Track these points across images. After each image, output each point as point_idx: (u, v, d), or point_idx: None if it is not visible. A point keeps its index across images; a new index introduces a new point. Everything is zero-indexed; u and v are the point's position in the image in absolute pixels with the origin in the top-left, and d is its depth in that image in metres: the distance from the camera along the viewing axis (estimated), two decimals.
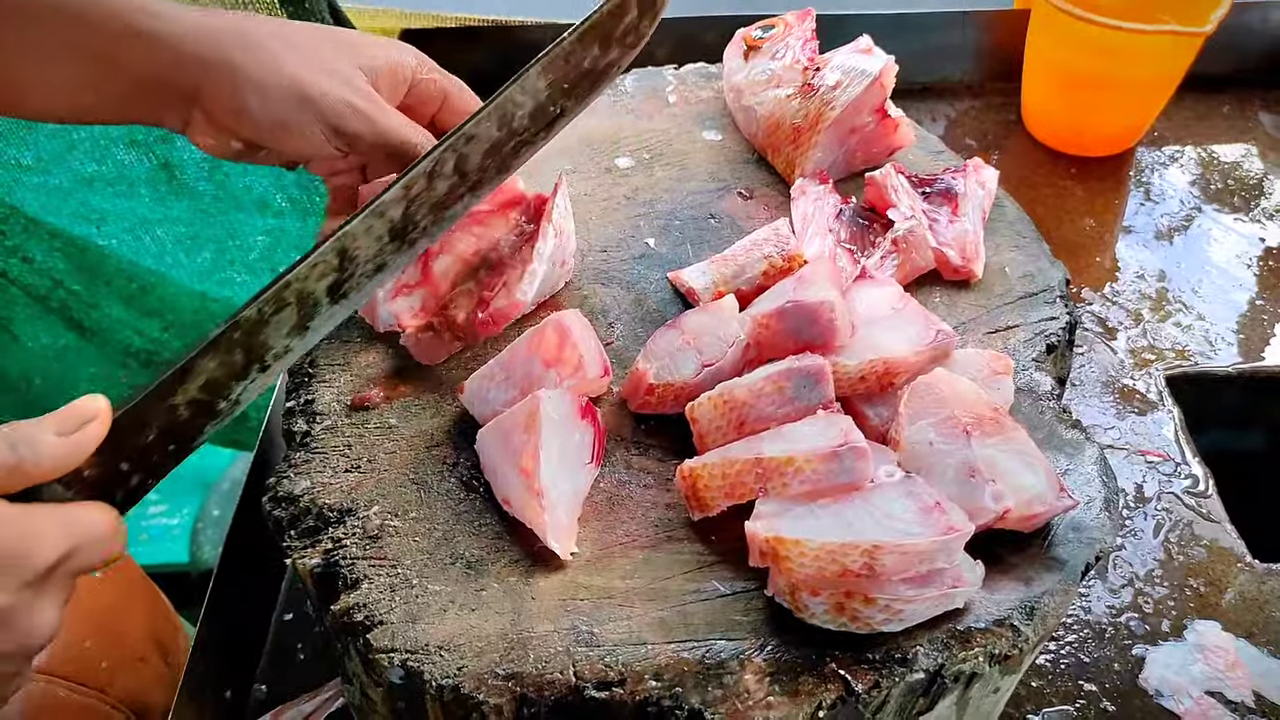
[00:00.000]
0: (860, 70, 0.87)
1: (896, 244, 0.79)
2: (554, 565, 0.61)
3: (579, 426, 0.65)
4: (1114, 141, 1.29)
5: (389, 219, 0.65)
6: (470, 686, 0.55)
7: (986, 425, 0.62)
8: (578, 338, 0.67)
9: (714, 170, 0.92)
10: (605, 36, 0.71)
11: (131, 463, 0.57)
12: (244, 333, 0.60)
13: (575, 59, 0.71)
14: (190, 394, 0.59)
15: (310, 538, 0.63)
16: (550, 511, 0.60)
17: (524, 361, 0.67)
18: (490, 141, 0.69)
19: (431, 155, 0.66)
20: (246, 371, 0.61)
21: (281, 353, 0.62)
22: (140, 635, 0.97)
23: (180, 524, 1.70)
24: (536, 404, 0.62)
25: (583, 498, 0.65)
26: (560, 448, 0.63)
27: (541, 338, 0.67)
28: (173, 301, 1.52)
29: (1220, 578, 0.85)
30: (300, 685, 0.81)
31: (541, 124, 0.71)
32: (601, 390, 0.71)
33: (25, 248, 1.40)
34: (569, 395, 0.64)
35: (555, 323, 0.68)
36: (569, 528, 0.63)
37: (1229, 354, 1.05)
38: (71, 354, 1.54)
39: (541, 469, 0.60)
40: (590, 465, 0.65)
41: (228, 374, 0.60)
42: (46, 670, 0.84)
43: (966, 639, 0.56)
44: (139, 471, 0.58)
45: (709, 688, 0.55)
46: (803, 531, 0.56)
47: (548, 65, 0.69)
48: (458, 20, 1.39)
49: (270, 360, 0.62)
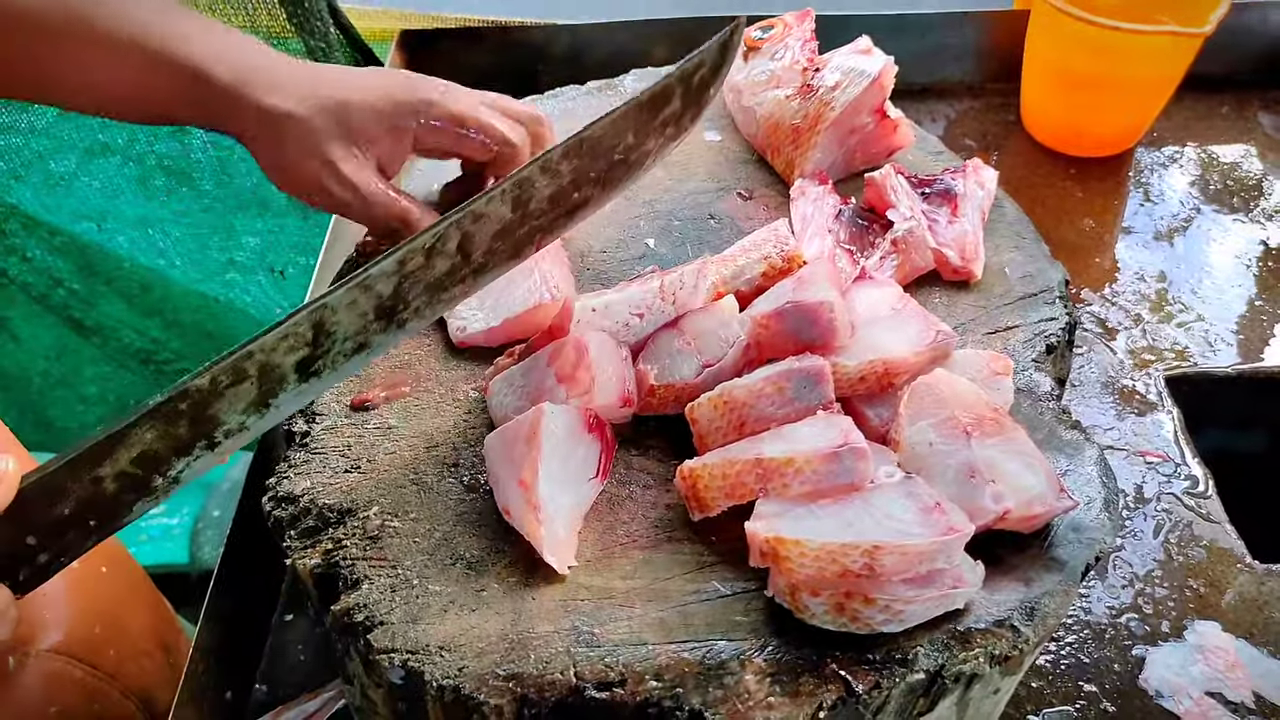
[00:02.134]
0: (859, 71, 0.87)
1: (896, 244, 0.79)
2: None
3: (584, 441, 0.64)
4: (1113, 142, 1.29)
5: (377, 294, 0.58)
6: (471, 687, 0.55)
7: (986, 426, 0.62)
8: (594, 360, 0.65)
9: (714, 171, 0.92)
10: (642, 125, 0.66)
11: (40, 538, 0.51)
12: (193, 403, 0.53)
13: (606, 145, 0.65)
14: (120, 466, 0.52)
15: (310, 538, 0.63)
16: (547, 525, 0.60)
17: (541, 372, 0.66)
18: (501, 223, 0.62)
19: (434, 230, 0.59)
20: (191, 448, 0.54)
21: (235, 430, 0.55)
22: (144, 631, 0.97)
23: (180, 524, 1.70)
24: (539, 418, 0.61)
25: (584, 512, 0.64)
26: (562, 463, 0.62)
27: (561, 352, 0.66)
28: (173, 300, 1.52)
29: (1220, 578, 0.85)
30: (300, 685, 0.81)
31: (562, 210, 0.65)
32: (620, 419, 0.68)
33: (25, 247, 1.40)
34: (574, 410, 0.63)
35: (576, 341, 0.66)
36: (567, 542, 0.62)
37: (1229, 355, 1.05)
38: (71, 352, 1.54)
39: (540, 483, 0.60)
40: (595, 480, 0.65)
41: (169, 448, 0.53)
42: (63, 650, 0.84)
43: (967, 640, 0.57)
44: (48, 549, 0.51)
45: (710, 688, 0.55)
46: (803, 532, 0.56)
47: (574, 148, 0.63)
48: (458, 20, 1.39)
49: (220, 438, 0.55)
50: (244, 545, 0.82)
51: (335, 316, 0.57)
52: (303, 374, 0.57)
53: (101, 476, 0.51)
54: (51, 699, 0.82)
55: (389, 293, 0.59)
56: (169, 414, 0.52)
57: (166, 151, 1.37)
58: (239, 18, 1.27)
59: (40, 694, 0.82)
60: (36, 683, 0.82)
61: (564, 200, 0.65)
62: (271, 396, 0.56)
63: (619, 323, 0.70)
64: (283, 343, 0.55)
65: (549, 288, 0.74)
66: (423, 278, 0.60)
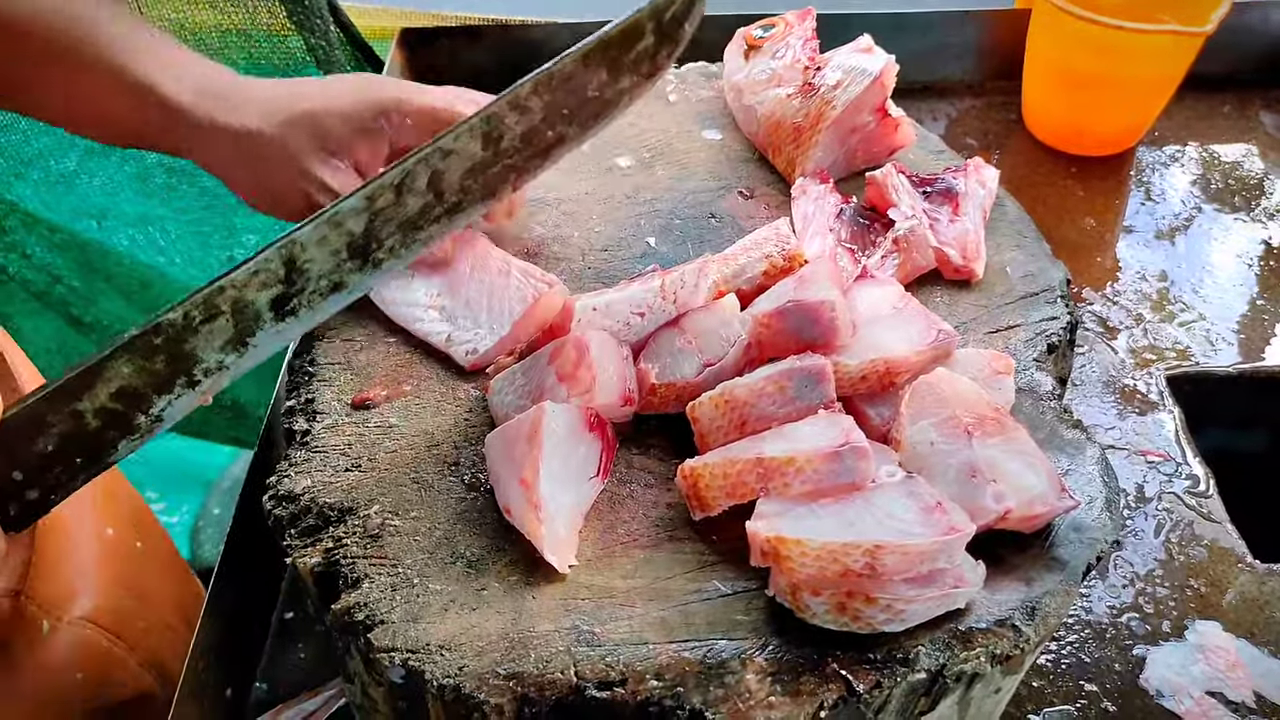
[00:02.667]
0: (861, 69, 0.87)
1: (897, 243, 0.79)
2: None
3: (585, 440, 0.64)
4: (1114, 141, 1.29)
5: (348, 231, 0.59)
6: (471, 686, 0.55)
7: (988, 425, 0.62)
8: (595, 359, 0.65)
9: (714, 169, 0.92)
10: (614, 62, 0.65)
11: (26, 473, 0.51)
12: (167, 338, 0.54)
13: (578, 81, 0.64)
14: (100, 401, 0.52)
15: (311, 536, 0.63)
16: (548, 524, 0.60)
17: (542, 371, 0.66)
18: (473, 160, 0.62)
19: (401, 166, 0.60)
20: (171, 384, 0.55)
21: (214, 368, 0.56)
22: (170, 604, 0.98)
23: (180, 522, 1.70)
24: (540, 416, 0.61)
25: (585, 511, 0.64)
26: (563, 461, 0.62)
27: (561, 351, 0.66)
28: (172, 297, 1.51)
29: (1221, 578, 0.85)
30: (300, 684, 0.81)
31: (536, 149, 0.65)
32: (621, 418, 0.68)
33: (25, 243, 1.40)
34: (575, 409, 0.63)
35: (576, 339, 0.66)
36: (568, 541, 0.62)
37: (1230, 354, 1.05)
38: (71, 349, 1.54)
39: (541, 482, 0.60)
40: (595, 479, 0.65)
41: (148, 383, 0.54)
42: (93, 619, 0.84)
43: (968, 639, 0.56)
44: (36, 485, 0.51)
45: (710, 687, 0.55)
46: (804, 531, 0.56)
47: (544, 83, 0.63)
48: (458, 20, 1.39)
49: (200, 375, 0.56)
50: (244, 543, 0.82)
51: (306, 253, 0.58)
52: (279, 312, 0.58)
53: (82, 411, 0.52)
54: (78, 666, 0.82)
55: (360, 230, 0.59)
56: (145, 348, 0.53)
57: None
58: (239, 15, 1.26)
59: (68, 660, 0.82)
60: (66, 649, 0.82)
61: (538, 138, 0.64)
62: (249, 335, 0.57)
63: (620, 321, 0.70)
64: (254, 278, 0.56)
65: (537, 280, 0.74)
66: (394, 215, 0.60)
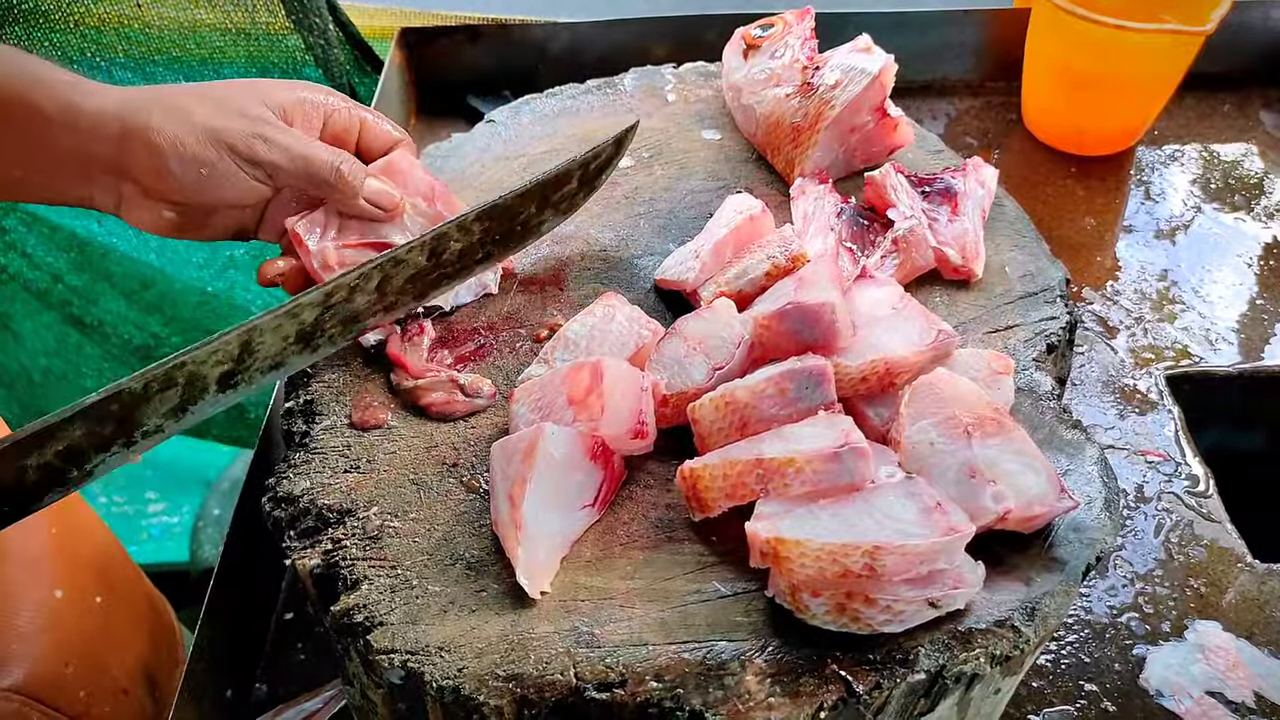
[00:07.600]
0: (860, 69, 0.86)
1: (897, 243, 0.79)
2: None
3: (584, 468, 0.62)
4: (1114, 140, 1.29)
5: (300, 321, 0.65)
6: (471, 688, 0.55)
7: (987, 425, 0.62)
8: (609, 388, 0.63)
9: (713, 169, 0.92)
10: (543, 199, 0.76)
11: None
12: (123, 405, 0.57)
13: (512, 213, 0.74)
14: (46, 458, 0.55)
15: (310, 538, 0.63)
16: (526, 545, 0.59)
17: (555, 390, 0.65)
18: (416, 269, 0.71)
19: (360, 270, 0.67)
20: (109, 445, 0.58)
21: (152, 431, 0.60)
22: (129, 666, 0.95)
23: (180, 523, 1.71)
24: (538, 437, 0.60)
25: (572, 540, 0.63)
26: (555, 486, 0.61)
27: (577, 374, 0.65)
28: (173, 297, 1.51)
29: (1221, 578, 0.85)
30: (300, 685, 0.81)
31: (468, 263, 0.74)
32: (635, 451, 0.66)
33: (25, 243, 1.40)
34: (577, 435, 0.62)
35: (594, 365, 0.64)
36: (546, 566, 0.60)
37: (1229, 353, 1.05)
38: (71, 350, 1.54)
39: (526, 502, 0.59)
40: (590, 508, 0.63)
41: (91, 444, 0.57)
42: (22, 691, 0.82)
43: (968, 640, 0.56)
44: None
45: (710, 689, 0.55)
46: (803, 532, 0.56)
47: (486, 212, 0.72)
48: (458, 19, 1.39)
49: (138, 437, 0.59)
50: (244, 544, 0.82)
51: (262, 338, 0.63)
52: (223, 385, 0.62)
53: (27, 467, 0.55)
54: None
55: (311, 320, 0.66)
56: (100, 414, 0.56)
57: None
58: (239, 15, 1.26)
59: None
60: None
61: (471, 255, 0.74)
62: (191, 403, 0.61)
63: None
64: (212, 355, 0.61)
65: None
66: (342, 311, 0.67)
